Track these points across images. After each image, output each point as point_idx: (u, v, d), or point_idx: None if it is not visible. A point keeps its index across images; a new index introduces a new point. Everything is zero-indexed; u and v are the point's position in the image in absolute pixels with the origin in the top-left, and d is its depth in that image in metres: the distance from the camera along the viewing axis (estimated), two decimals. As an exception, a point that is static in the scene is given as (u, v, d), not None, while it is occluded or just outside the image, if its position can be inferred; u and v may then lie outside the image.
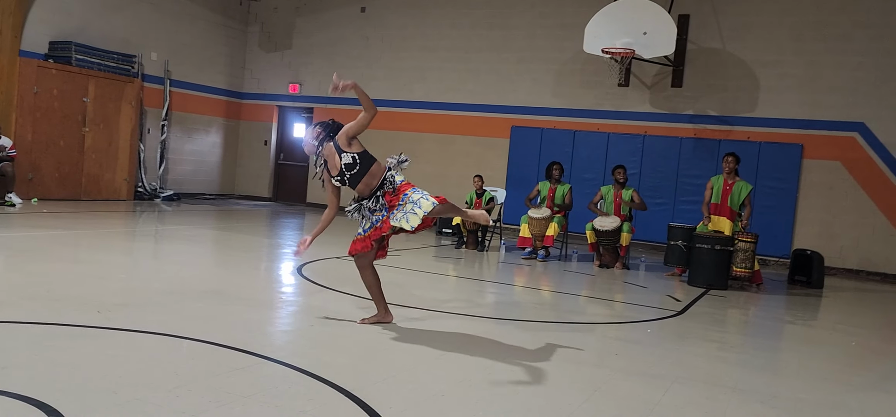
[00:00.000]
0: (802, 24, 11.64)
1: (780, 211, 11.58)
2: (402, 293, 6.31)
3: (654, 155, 12.42)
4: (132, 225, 10.63)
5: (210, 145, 15.63)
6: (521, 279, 8.24)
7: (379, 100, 14.90)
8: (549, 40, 13.27)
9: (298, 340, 4.54)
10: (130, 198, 13.22)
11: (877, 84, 11.18)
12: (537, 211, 9.65)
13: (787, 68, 11.71)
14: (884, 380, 5.05)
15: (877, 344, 6.31)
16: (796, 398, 4.05)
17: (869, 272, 11.14)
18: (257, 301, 5.49)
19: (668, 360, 4.74)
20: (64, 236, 8.32)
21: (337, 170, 4.68)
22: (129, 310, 4.70)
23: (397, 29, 14.64)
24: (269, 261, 7.40)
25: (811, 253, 9.46)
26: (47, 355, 3.64)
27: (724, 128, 12.07)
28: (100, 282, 5.64)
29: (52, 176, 11.89)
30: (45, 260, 6.41)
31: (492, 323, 5.48)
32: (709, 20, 12.14)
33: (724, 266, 8.15)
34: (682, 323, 6.15)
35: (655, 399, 3.78)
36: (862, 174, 11.25)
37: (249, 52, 16.24)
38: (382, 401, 3.30)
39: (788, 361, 5.31)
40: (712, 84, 12.18)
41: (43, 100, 11.66)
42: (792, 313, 7.50)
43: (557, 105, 13.22)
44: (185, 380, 3.39)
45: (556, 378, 4.04)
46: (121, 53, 12.98)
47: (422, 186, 4.82)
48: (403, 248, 9.76)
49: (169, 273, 6.62)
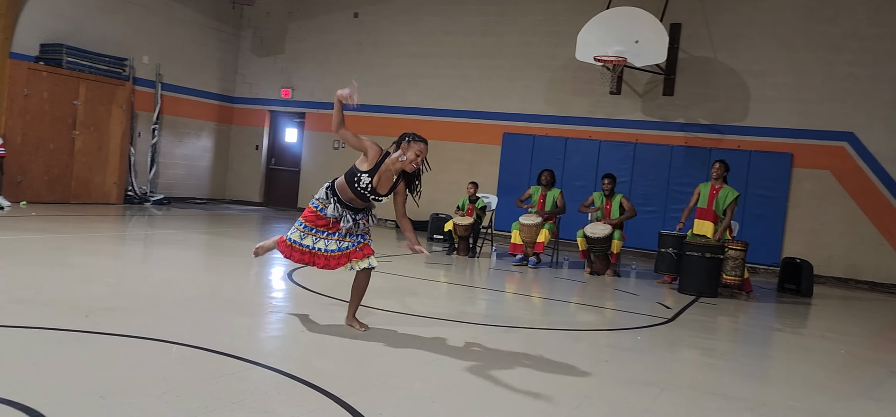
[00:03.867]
0: (793, 34, 11.72)
1: (770, 219, 11.63)
2: (393, 299, 6.30)
3: (646, 163, 12.46)
4: (122, 229, 10.58)
5: (201, 149, 15.59)
6: (512, 285, 8.24)
7: (371, 106, 15.03)
8: (541, 48, 13.31)
9: (288, 345, 4.52)
10: (120, 201, 13.16)
11: (866, 94, 11.27)
12: (528, 218, 9.66)
13: (778, 78, 11.79)
14: (872, 388, 5.07)
15: (865, 352, 6.34)
16: (785, 405, 4.06)
17: (857, 280, 11.21)
18: (247, 306, 5.46)
19: (658, 367, 4.75)
20: (53, 239, 8.27)
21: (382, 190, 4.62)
22: (117, 315, 4.67)
23: (390, 35, 14.66)
24: (259, 266, 7.37)
25: (800, 261, 9.51)
26: (34, 359, 3.61)
27: (714, 136, 12.13)
28: (88, 286, 5.60)
29: (41, 179, 11.82)
30: (34, 264, 6.37)
31: (482, 330, 5.47)
32: (700, 29, 12.22)
33: (715, 274, 8.17)
34: (673, 330, 6.16)
35: (645, 406, 3.79)
36: (851, 183, 11.32)
37: (242, 56, 16.22)
38: (372, 407, 3.29)
39: (777, 369, 5.33)
40: (703, 93, 12.24)
41: (33, 102, 11.60)
42: (781, 321, 7.53)
43: (549, 112, 13.26)
44: (173, 385, 3.37)
45: (546, 385, 4.04)
46: (112, 56, 12.94)
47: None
48: (394, 254, 9.75)
49: (158, 277, 6.59)
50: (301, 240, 4.65)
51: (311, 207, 4.71)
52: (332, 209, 4.62)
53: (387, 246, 10.85)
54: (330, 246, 4.63)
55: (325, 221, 4.63)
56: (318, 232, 4.66)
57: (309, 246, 4.64)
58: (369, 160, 4.58)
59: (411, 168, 4.57)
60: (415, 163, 4.55)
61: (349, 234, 4.65)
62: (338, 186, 4.67)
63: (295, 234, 4.69)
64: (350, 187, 4.61)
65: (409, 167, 4.56)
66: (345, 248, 4.64)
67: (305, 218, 4.70)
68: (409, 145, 4.56)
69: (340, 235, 4.64)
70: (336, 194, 4.65)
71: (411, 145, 4.56)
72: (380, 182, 4.58)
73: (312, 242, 4.63)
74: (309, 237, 4.65)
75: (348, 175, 4.64)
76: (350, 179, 4.61)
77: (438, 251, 10.64)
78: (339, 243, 4.64)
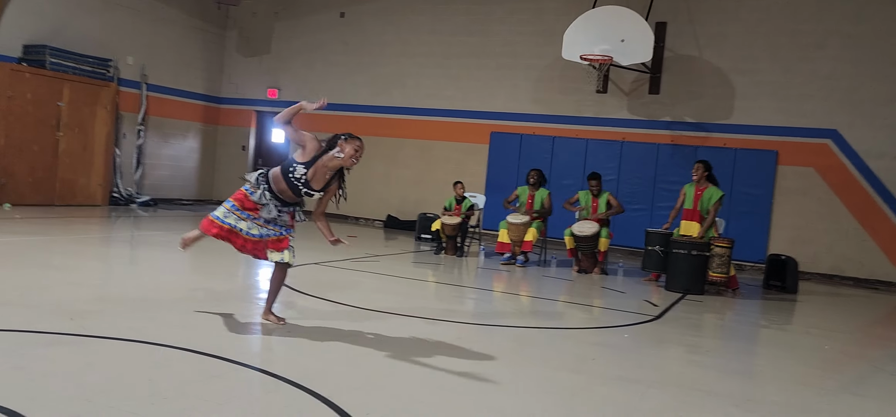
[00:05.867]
0: (777, 32, 11.81)
1: (756, 216, 11.72)
2: (381, 298, 6.30)
3: (632, 161, 12.52)
4: (107, 230, 10.50)
5: (187, 150, 15.50)
6: (500, 284, 8.26)
7: (358, 106, 15.02)
8: (528, 47, 13.34)
9: (276, 346, 4.51)
10: (105, 203, 13.06)
11: (849, 91, 11.38)
12: (516, 217, 9.68)
13: (763, 76, 11.88)
14: (856, 384, 5.13)
15: (849, 347, 6.41)
16: (770, 401, 4.10)
17: (842, 276, 11.31)
18: (234, 307, 5.44)
19: (645, 365, 4.78)
20: (37, 242, 8.20)
21: (316, 185, 4.65)
22: (103, 317, 4.64)
23: (376, 34, 14.64)
24: (246, 268, 7.34)
25: (786, 258, 9.59)
26: (19, 362, 3.58)
27: (700, 134, 12.20)
28: (73, 289, 5.56)
29: (25, 180, 11.71)
30: (18, 266, 6.31)
31: (470, 329, 5.48)
32: (685, 28, 12.29)
33: (701, 271, 8.22)
34: (659, 327, 6.20)
35: (632, 403, 3.81)
36: (835, 180, 11.43)
37: (227, 56, 16.15)
38: (360, 408, 3.29)
39: (763, 365, 5.37)
40: (689, 91, 12.32)
41: (16, 104, 11.49)
42: (767, 317, 7.59)
43: (536, 111, 13.29)
44: (160, 388, 3.36)
45: (533, 383, 4.05)
46: (96, 57, 12.84)
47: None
48: (382, 253, 9.75)
49: (144, 279, 6.55)
50: (224, 218, 4.68)
51: (243, 190, 4.76)
52: (259, 196, 4.65)
53: (374, 246, 10.84)
54: (252, 230, 4.68)
55: (252, 204, 4.68)
56: (241, 214, 4.68)
57: (231, 224, 4.67)
58: (307, 153, 4.64)
59: (350, 164, 4.62)
60: (353, 158, 4.61)
61: (272, 224, 4.68)
62: (272, 176, 4.71)
63: (220, 211, 4.72)
64: (284, 178, 4.65)
65: (348, 162, 4.61)
66: (264, 235, 4.68)
67: (235, 199, 4.75)
68: (347, 143, 4.61)
69: (263, 222, 4.67)
70: (268, 183, 4.68)
71: (348, 142, 4.62)
72: (315, 176, 4.63)
73: (235, 222, 4.68)
74: (232, 216, 4.67)
75: (284, 166, 4.69)
76: (285, 170, 4.66)
77: (426, 251, 10.64)
78: (261, 229, 4.69)
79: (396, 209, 14.06)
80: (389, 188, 14.19)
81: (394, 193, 14.16)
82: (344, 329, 4.89)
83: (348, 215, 14.35)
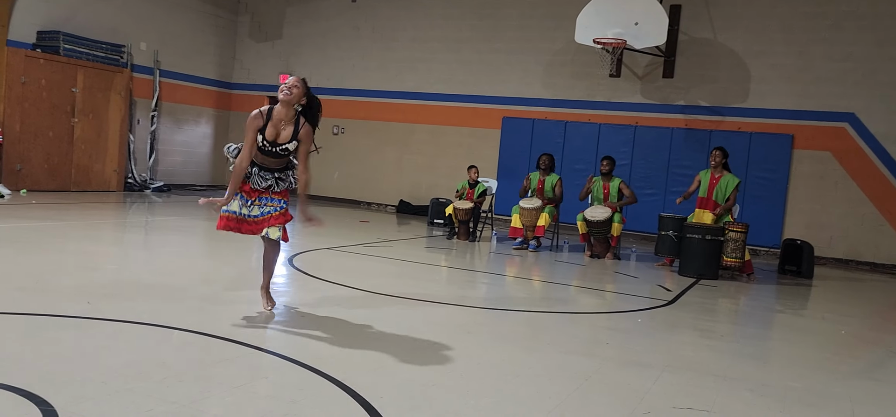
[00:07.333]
0: (793, 15, 11.66)
1: (771, 201, 11.63)
2: (394, 283, 6.30)
3: (646, 145, 12.44)
4: (122, 216, 10.58)
5: (200, 136, 15.56)
6: (513, 269, 8.25)
7: (370, 91, 14.99)
8: (540, 31, 13.25)
9: (289, 330, 4.52)
10: (120, 189, 13.15)
11: (867, 74, 11.23)
12: (528, 202, 9.66)
13: (778, 59, 11.75)
14: (872, 368, 5.09)
15: (865, 332, 6.36)
16: (785, 386, 4.08)
17: (858, 261, 11.21)
18: (248, 291, 5.47)
19: (659, 349, 4.76)
20: (53, 227, 8.27)
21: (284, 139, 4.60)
22: (118, 301, 4.68)
23: (388, 19, 14.59)
24: (259, 252, 7.37)
25: (801, 242, 9.51)
26: (37, 346, 3.62)
27: (715, 118, 12.10)
28: (89, 273, 5.61)
29: (41, 167, 11.81)
30: (35, 251, 6.37)
31: (483, 313, 5.48)
32: (700, 11, 12.15)
33: (715, 256, 8.18)
34: (673, 312, 6.17)
35: (645, 387, 3.80)
36: (852, 164, 11.31)
37: (240, 42, 16.16)
38: (373, 391, 3.29)
39: (778, 350, 5.34)
40: (703, 75, 12.20)
41: (31, 90, 11.57)
42: (782, 302, 7.54)
43: (549, 96, 13.22)
44: (174, 371, 3.38)
45: (546, 367, 4.05)
46: (109, 43, 12.89)
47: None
48: (395, 238, 9.77)
49: (159, 264, 6.59)
50: (229, 207, 4.67)
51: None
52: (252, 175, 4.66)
53: (387, 231, 10.86)
54: (253, 211, 4.69)
55: (248, 186, 4.68)
56: (243, 200, 4.69)
57: (235, 212, 4.69)
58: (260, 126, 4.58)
59: (283, 95, 4.55)
60: (283, 91, 4.57)
61: (270, 199, 4.67)
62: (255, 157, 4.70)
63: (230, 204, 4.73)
64: (260, 152, 4.62)
65: (283, 94, 4.55)
66: (266, 213, 4.68)
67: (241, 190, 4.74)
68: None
69: (264, 201, 4.67)
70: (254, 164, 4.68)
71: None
72: (278, 134, 4.57)
73: (238, 207, 4.69)
74: (235, 203, 4.69)
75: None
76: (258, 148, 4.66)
77: (439, 235, 10.65)
78: (262, 208, 4.69)
79: (408, 194, 14.05)
80: (401, 173, 14.19)
81: (406, 178, 14.15)
82: (357, 313, 4.91)
83: (360, 200, 14.38)
